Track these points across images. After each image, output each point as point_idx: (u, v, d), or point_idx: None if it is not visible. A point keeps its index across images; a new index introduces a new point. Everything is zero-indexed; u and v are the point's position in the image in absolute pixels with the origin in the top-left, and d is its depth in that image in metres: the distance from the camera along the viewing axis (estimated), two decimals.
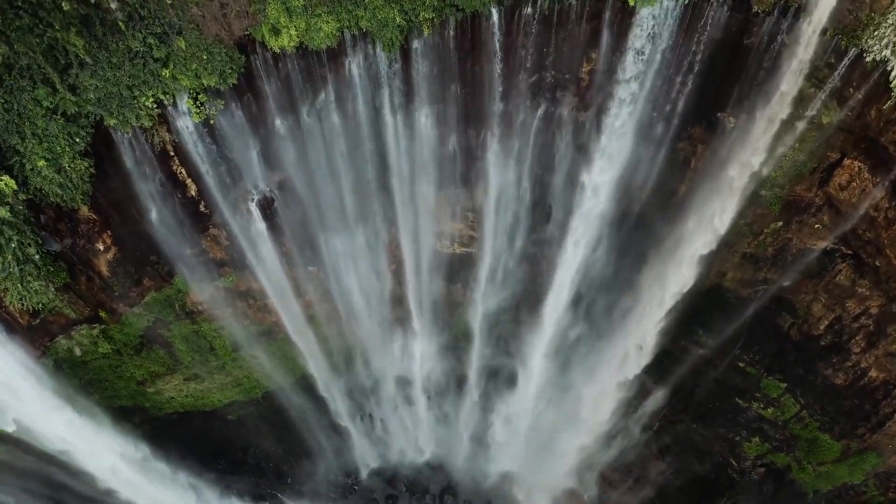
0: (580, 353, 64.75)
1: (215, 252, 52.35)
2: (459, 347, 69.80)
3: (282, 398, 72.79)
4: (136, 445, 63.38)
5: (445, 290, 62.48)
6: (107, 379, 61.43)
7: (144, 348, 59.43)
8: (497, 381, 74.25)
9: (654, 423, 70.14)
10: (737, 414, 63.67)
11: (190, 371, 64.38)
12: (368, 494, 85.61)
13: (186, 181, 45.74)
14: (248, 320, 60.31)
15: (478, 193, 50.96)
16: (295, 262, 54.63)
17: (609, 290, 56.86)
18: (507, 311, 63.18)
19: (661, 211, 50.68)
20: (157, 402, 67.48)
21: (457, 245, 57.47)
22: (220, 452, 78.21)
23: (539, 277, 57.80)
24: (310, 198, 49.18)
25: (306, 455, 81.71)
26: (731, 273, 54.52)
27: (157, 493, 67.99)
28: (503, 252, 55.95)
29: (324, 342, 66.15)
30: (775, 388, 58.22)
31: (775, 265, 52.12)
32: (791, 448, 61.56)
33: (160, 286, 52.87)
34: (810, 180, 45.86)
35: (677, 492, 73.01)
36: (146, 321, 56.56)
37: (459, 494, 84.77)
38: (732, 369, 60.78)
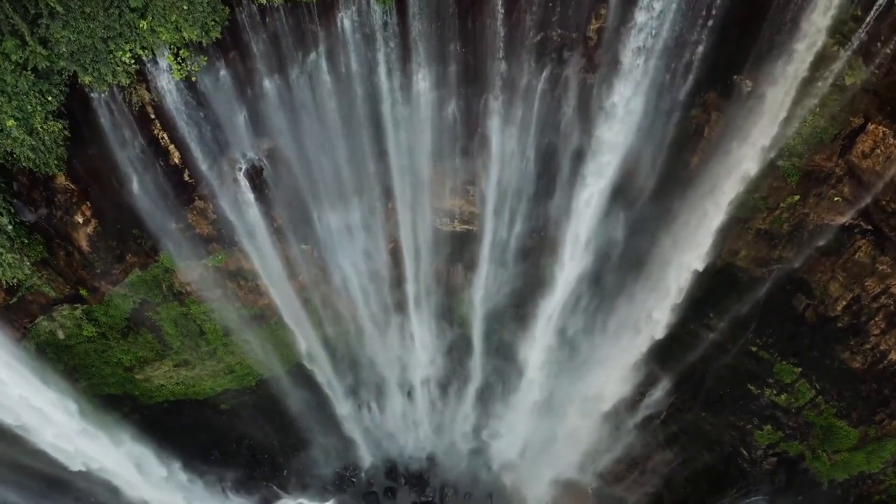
0: (586, 337, 61.85)
1: (202, 227, 49.66)
2: (460, 333, 66.79)
3: (276, 387, 70.44)
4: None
5: (446, 272, 59.85)
6: (93, 364, 58.97)
7: (131, 332, 56.90)
8: (500, 368, 71.33)
9: (662, 411, 67.59)
10: (748, 401, 61.34)
11: (180, 357, 61.79)
12: (366, 487, 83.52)
13: (169, 147, 43.02)
14: (240, 303, 57.70)
15: (479, 164, 48.16)
16: (287, 239, 51.97)
17: (617, 270, 53.89)
18: (510, 293, 60.23)
19: (672, 184, 47.63)
20: (147, 390, 64.99)
21: (457, 222, 54.79)
22: (214, 443, 76.09)
23: (544, 257, 54.85)
24: (301, 168, 46.48)
25: (302, 446, 79.41)
26: (745, 251, 52.18)
27: (148, 486, 64.07)
28: (506, 229, 53.35)
29: (319, 327, 63.40)
30: (789, 374, 55.69)
31: (791, 242, 49.81)
32: (805, 436, 59.22)
33: (145, 263, 50.13)
34: (831, 148, 43.40)
35: (685, 483, 70.65)
36: (132, 302, 53.91)
37: (459, 487, 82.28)
38: (744, 354, 58.55)
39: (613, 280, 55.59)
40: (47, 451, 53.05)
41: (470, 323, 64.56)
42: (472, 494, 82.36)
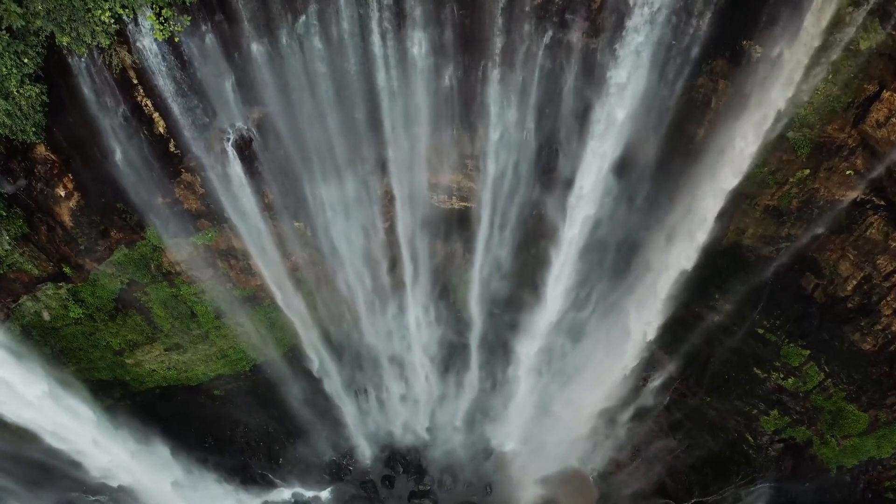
0: (588, 319, 60.14)
1: (190, 202, 47.88)
2: (458, 315, 65.13)
3: (271, 372, 68.71)
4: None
5: (443, 251, 57.90)
6: (81, 348, 57.25)
7: (120, 313, 55.13)
8: (498, 352, 69.86)
9: (665, 397, 66.01)
10: (754, 385, 59.86)
11: (170, 340, 60.00)
12: (364, 476, 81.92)
13: (153, 116, 41.20)
14: (231, 283, 55.91)
15: (477, 136, 46.32)
16: (279, 215, 50.20)
17: (620, 249, 52.01)
18: (509, 274, 58.34)
19: (677, 158, 45.80)
20: (138, 375, 63.20)
21: (454, 199, 52.97)
22: (207, 430, 74.32)
23: (544, 235, 53.01)
24: (292, 139, 44.71)
25: (298, 434, 77.55)
26: (752, 229, 50.81)
27: (141, 473, 62.52)
28: (505, 206, 51.50)
29: (313, 310, 61.46)
30: (797, 356, 54.08)
31: (800, 219, 48.42)
32: (813, 421, 57.77)
33: (131, 240, 48.34)
34: (844, 118, 41.68)
35: (688, 470, 69.10)
36: (119, 283, 52.16)
37: (458, 476, 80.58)
38: (750, 336, 57.11)
39: (616, 258, 53.31)
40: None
41: (468, 305, 62.77)
42: (471, 483, 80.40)
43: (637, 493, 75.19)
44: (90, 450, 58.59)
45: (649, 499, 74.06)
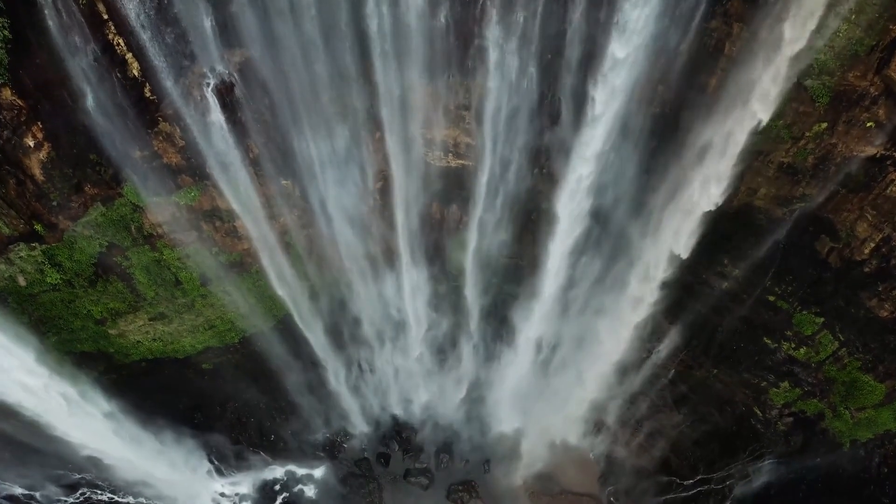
0: (591, 286, 57.10)
1: (170, 156, 44.99)
2: (456, 282, 62.22)
3: (261, 345, 66.09)
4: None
5: (439, 213, 55.05)
6: (60, 316, 54.44)
7: (100, 279, 52.26)
8: (498, 324, 66.88)
9: (670, 369, 63.18)
10: (764, 356, 57.51)
11: (155, 309, 57.16)
12: (358, 454, 79.98)
13: (126, 56, 38.25)
14: (217, 247, 53.13)
15: (475, 84, 43.26)
16: (265, 172, 47.31)
17: (625, 208, 49.04)
18: (509, 238, 55.37)
19: (687, 110, 43.13)
20: (123, 346, 60.31)
21: (451, 156, 50.10)
22: (196, 406, 71.77)
23: (545, 196, 49.99)
24: (277, 86, 41.94)
25: (291, 410, 75.07)
26: (765, 189, 48.37)
27: (124, 449, 60.10)
28: (504, 164, 48.27)
29: (304, 278, 58.56)
30: (810, 324, 51.60)
31: (815, 177, 45.95)
32: (825, 393, 55.48)
33: (107, 197, 45.41)
34: (866, 63, 39.07)
35: (693, 446, 66.62)
36: (98, 245, 49.31)
37: (456, 453, 78.45)
38: (761, 304, 54.64)
39: (621, 220, 50.45)
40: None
41: (465, 271, 59.91)
42: (469, 461, 78.04)
43: (639, 471, 72.89)
44: (70, 425, 55.17)
45: (652, 476, 71.80)
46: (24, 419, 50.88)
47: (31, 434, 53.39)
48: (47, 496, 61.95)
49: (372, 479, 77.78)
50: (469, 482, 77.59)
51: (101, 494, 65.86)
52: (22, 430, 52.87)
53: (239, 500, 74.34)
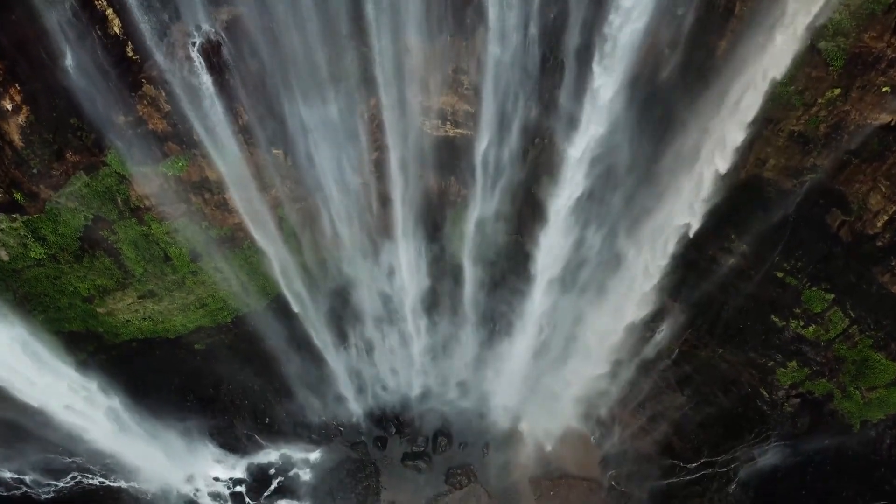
0: (593, 264, 55.06)
1: (155, 121, 43.02)
2: (454, 261, 60.23)
3: (254, 325, 64.43)
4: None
5: (437, 186, 53.06)
6: (46, 293, 52.78)
7: (86, 255, 50.61)
8: (497, 303, 64.80)
9: (674, 349, 61.27)
10: (771, 335, 55.90)
11: (144, 287, 55.37)
12: (355, 437, 78.59)
13: (107, 12, 36.50)
14: (206, 221, 51.29)
15: (474, 44, 41.25)
16: (255, 140, 45.42)
17: (630, 179, 47.11)
18: (509, 213, 53.40)
19: (694, 75, 41.77)
20: (112, 326, 58.61)
21: (449, 125, 48.16)
22: (189, 388, 70.10)
23: (548, 167, 47.99)
24: (267, 47, 39.92)
25: (285, 392, 73.38)
26: (774, 159, 46.69)
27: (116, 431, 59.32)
28: (504, 133, 46.30)
29: (297, 253, 56.61)
30: (820, 301, 50.08)
31: (827, 147, 44.14)
32: (835, 372, 53.93)
33: (90, 165, 43.56)
34: (883, 23, 37.27)
35: (697, 428, 64.98)
36: (83, 218, 47.55)
37: (454, 436, 77.09)
38: (768, 281, 52.94)
39: (625, 191, 48.48)
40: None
41: (464, 247, 57.87)
42: (468, 444, 76.66)
43: (641, 454, 71.42)
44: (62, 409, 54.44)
45: (654, 459, 70.19)
46: (14, 403, 49.86)
47: (20, 416, 52.43)
48: (37, 480, 60.04)
49: (369, 462, 76.66)
50: (468, 466, 76.38)
51: (92, 479, 64.19)
52: (9, 411, 51.52)
53: (233, 484, 72.99)
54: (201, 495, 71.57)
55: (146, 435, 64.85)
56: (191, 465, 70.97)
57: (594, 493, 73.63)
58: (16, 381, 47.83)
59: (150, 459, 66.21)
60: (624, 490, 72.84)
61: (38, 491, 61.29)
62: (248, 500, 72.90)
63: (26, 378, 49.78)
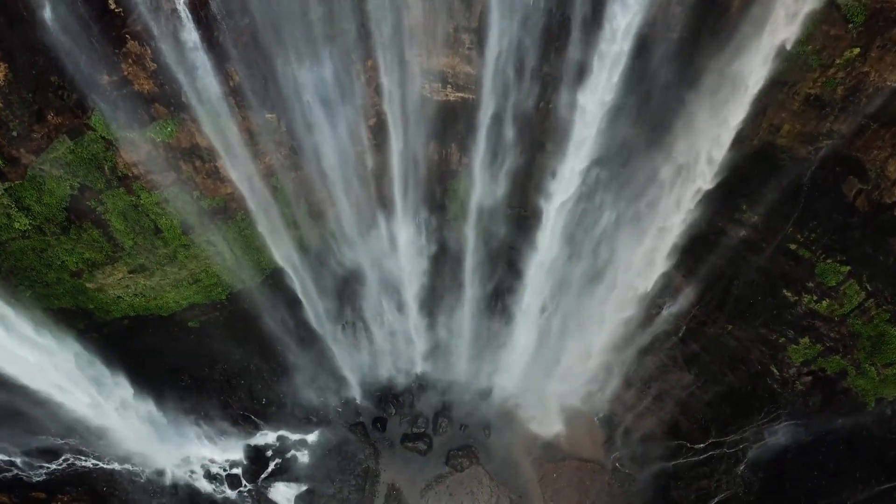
0: (600, 234, 53.00)
1: (141, 81, 40.92)
2: (455, 234, 58.08)
3: (250, 302, 62.68)
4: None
5: (437, 155, 50.97)
6: (33, 267, 50.91)
7: (73, 226, 48.58)
8: (499, 278, 62.83)
9: (681, 326, 59.33)
10: (783, 310, 54.24)
11: (134, 261, 53.34)
12: (353, 418, 76.75)
13: None
14: (198, 191, 49.22)
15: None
16: (247, 103, 43.36)
17: (638, 145, 44.91)
18: (511, 184, 51.22)
19: (706, 34, 40.29)
20: (103, 302, 56.61)
21: (450, 89, 46.06)
22: (183, 367, 68.55)
23: (553, 134, 45.88)
24: (259, 1, 36.84)
25: (282, 372, 71.65)
26: (788, 125, 44.98)
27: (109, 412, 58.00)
28: (507, 97, 44.22)
29: (292, 226, 54.53)
30: (834, 274, 48.41)
31: (844, 111, 42.40)
32: (849, 349, 52.06)
33: (74, 128, 41.51)
34: None
35: (704, 408, 63.24)
36: (69, 187, 45.49)
37: (455, 417, 75.57)
38: (781, 254, 51.42)
39: (633, 159, 46.31)
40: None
41: (464, 220, 55.83)
42: (469, 425, 75.00)
43: (647, 435, 69.71)
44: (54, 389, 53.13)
45: (660, 440, 68.36)
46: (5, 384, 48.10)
47: (12, 397, 50.89)
48: (29, 462, 58.34)
49: (368, 444, 75.04)
50: (469, 447, 74.78)
51: (85, 461, 62.48)
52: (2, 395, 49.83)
53: (229, 466, 71.26)
54: (197, 477, 69.93)
55: (140, 415, 62.27)
56: (186, 447, 68.59)
57: (598, 475, 71.95)
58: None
59: (145, 440, 63.19)
60: (628, 472, 71.34)
61: (30, 473, 59.25)
62: (244, 481, 71.20)
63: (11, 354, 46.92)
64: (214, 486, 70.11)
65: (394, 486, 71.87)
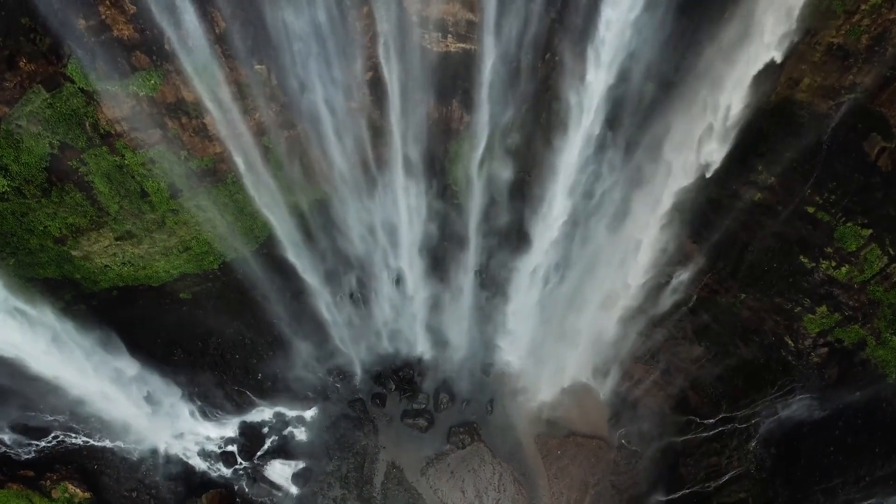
0: (608, 197, 50.37)
1: (120, 27, 38.39)
2: (456, 202, 55.40)
3: (243, 272, 60.61)
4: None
5: (437, 112, 48.14)
6: (13, 233, 48.96)
7: (54, 188, 46.31)
8: (503, 247, 60.22)
9: (691, 296, 56.73)
10: (799, 277, 51.95)
11: (121, 227, 50.97)
12: (352, 394, 74.76)
13: None
14: (185, 150, 46.71)
15: None
16: (234, 52, 40.76)
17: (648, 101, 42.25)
18: (517, 142, 48.48)
19: None
20: (90, 272, 54.34)
21: (451, 39, 43.47)
22: (176, 341, 66.25)
23: (560, 89, 43.10)
24: None
25: (278, 346, 69.42)
26: (809, 78, 42.66)
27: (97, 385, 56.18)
28: (512, 47, 41.21)
29: (286, 191, 51.86)
30: (855, 238, 46.26)
31: (869, 62, 39.90)
32: (868, 318, 49.74)
33: (49, 77, 39.09)
34: None
35: (715, 382, 61.12)
36: (48, 145, 43.17)
37: (457, 393, 73.64)
38: (798, 217, 48.98)
39: (644, 115, 43.63)
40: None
41: (467, 183, 53.16)
42: (470, 401, 73.34)
43: (654, 411, 67.56)
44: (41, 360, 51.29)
45: (668, 416, 66.06)
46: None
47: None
48: (17, 440, 56.23)
49: (367, 420, 73.24)
50: (470, 424, 72.96)
51: (75, 438, 60.32)
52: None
53: (224, 443, 69.28)
54: (190, 455, 67.98)
55: (132, 391, 60.07)
56: (179, 424, 66.51)
57: (603, 453, 69.89)
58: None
59: (137, 417, 61.04)
60: (635, 449, 69.41)
61: (18, 451, 57.21)
62: (240, 459, 69.27)
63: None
64: (209, 464, 68.08)
65: (394, 464, 69.88)
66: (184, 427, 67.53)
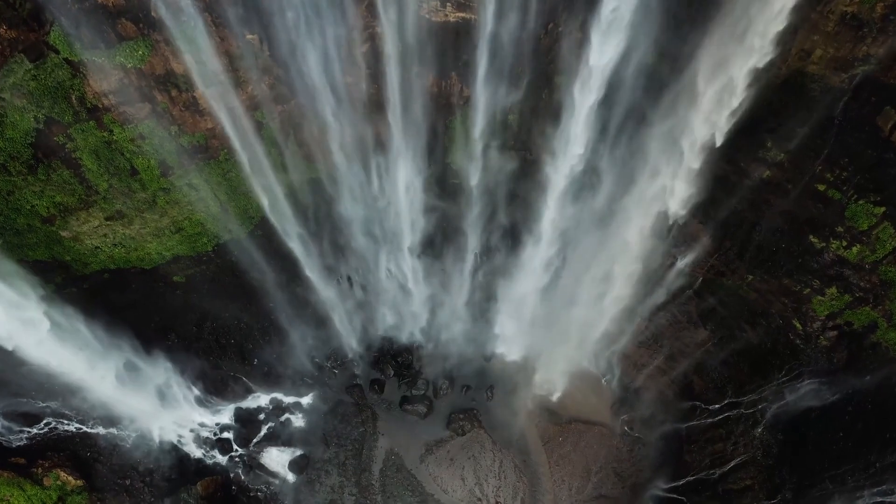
0: (609, 178, 48.82)
1: None
2: (455, 177, 53.84)
3: (238, 254, 59.27)
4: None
5: (437, 86, 46.32)
6: (0, 212, 45.56)
7: (41, 165, 44.89)
8: (503, 228, 58.96)
9: (697, 278, 55.22)
10: (808, 258, 50.68)
11: (111, 206, 49.49)
12: (350, 380, 73.55)
13: None
14: (176, 126, 45.16)
15: None
16: (224, 21, 39.02)
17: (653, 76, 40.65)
18: (517, 119, 46.85)
19: None
20: (80, 253, 53.01)
21: (450, 8, 41.56)
22: (170, 325, 64.86)
23: (561, 65, 41.46)
24: None
25: (274, 331, 67.84)
26: (821, 49, 41.34)
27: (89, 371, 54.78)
28: (513, 15, 39.46)
29: (280, 169, 50.16)
30: (867, 216, 45.17)
31: (884, 32, 38.58)
32: (880, 299, 48.49)
33: (31, 46, 37.78)
34: None
35: (721, 366, 59.95)
36: (33, 119, 41.69)
37: (456, 379, 72.86)
38: (808, 195, 47.70)
39: (648, 91, 42.06)
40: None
41: (467, 159, 51.30)
42: (470, 387, 72.27)
43: (658, 396, 66.12)
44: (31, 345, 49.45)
45: (673, 401, 64.69)
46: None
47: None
48: (8, 427, 54.88)
49: (365, 407, 71.85)
50: (471, 410, 71.68)
51: (68, 424, 59.01)
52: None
53: (220, 430, 68.04)
54: (185, 442, 66.56)
55: (125, 377, 58.70)
56: (174, 410, 65.12)
57: (606, 439, 68.60)
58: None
59: (131, 403, 59.62)
60: (638, 435, 68.15)
61: (10, 438, 55.73)
62: (235, 446, 67.89)
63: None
64: (204, 451, 66.77)
65: (392, 451, 68.53)
66: (178, 414, 66.56)
